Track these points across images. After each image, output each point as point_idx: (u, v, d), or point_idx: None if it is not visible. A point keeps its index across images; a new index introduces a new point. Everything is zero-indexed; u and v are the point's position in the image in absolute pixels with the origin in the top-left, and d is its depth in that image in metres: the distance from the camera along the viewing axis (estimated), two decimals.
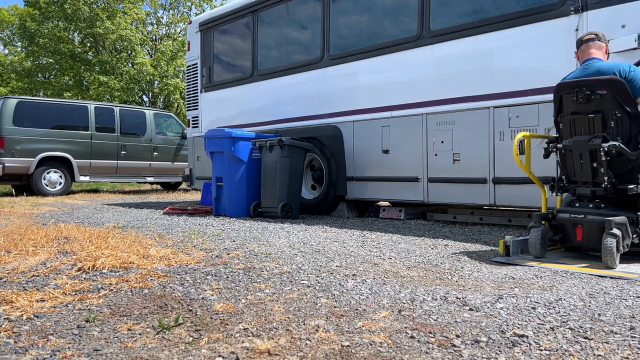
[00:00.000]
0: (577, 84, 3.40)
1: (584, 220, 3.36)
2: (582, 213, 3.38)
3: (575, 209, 3.45)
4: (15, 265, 2.97)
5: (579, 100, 3.37)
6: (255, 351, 1.70)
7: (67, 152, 11.08)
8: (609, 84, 3.28)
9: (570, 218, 3.42)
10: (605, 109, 3.31)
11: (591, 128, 3.37)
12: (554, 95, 3.56)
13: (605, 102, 3.30)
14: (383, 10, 6.08)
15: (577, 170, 3.45)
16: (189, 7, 26.63)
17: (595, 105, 3.33)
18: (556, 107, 3.57)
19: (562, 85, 3.51)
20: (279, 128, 7.01)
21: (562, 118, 3.51)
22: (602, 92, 3.30)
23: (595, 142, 3.31)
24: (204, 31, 8.36)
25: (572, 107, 3.44)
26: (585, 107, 3.38)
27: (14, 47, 30.69)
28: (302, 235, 4.56)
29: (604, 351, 1.71)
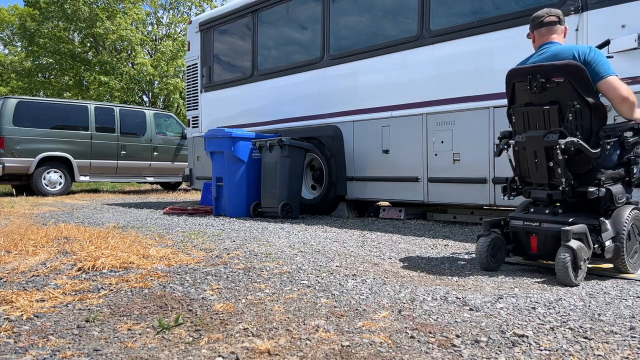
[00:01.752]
0: (530, 70, 2.97)
1: (538, 228, 2.96)
2: (537, 220, 2.98)
3: (529, 215, 3.04)
4: (15, 265, 2.96)
5: (533, 89, 2.94)
6: (255, 351, 1.70)
7: (67, 152, 11.08)
8: (566, 69, 2.85)
9: (524, 226, 3.02)
10: (562, 99, 2.89)
11: (547, 121, 2.95)
12: (506, 84, 3.16)
13: (563, 91, 2.87)
14: (383, 10, 6.07)
15: (532, 170, 3.03)
16: (189, 7, 26.65)
17: (552, 94, 2.91)
18: (508, 98, 3.17)
19: (514, 72, 3.09)
20: (279, 128, 7.01)
21: (515, 110, 3.10)
22: (559, 80, 2.87)
23: (551, 138, 2.88)
24: (204, 31, 8.36)
25: (525, 98, 3.03)
26: (540, 98, 2.96)
27: (14, 47, 30.70)
28: (302, 235, 4.56)
29: (604, 351, 1.71)
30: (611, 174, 2.94)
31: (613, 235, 2.82)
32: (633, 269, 2.91)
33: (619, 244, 2.82)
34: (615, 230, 2.83)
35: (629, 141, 2.94)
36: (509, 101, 3.17)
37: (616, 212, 2.89)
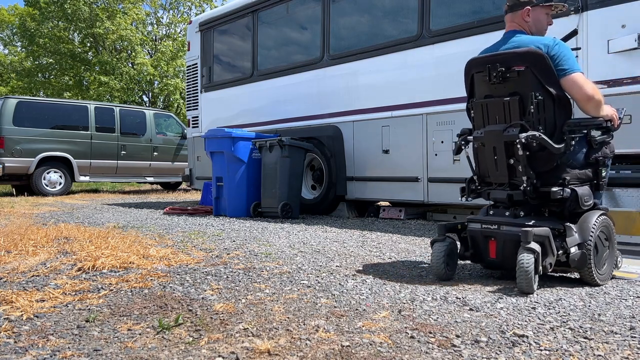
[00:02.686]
0: (489, 59, 2.75)
1: (497, 231, 2.71)
2: (496, 223, 2.73)
3: (488, 218, 2.80)
4: (15, 265, 2.96)
5: (492, 79, 2.71)
6: (255, 351, 1.70)
7: (67, 152, 11.08)
8: (527, 57, 2.65)
9: (482, 229, 2.76)
10: (523, 90, 2.67)
11: (507, 115, 2.72)
12: (465, 75, 2.93)
13: (524, 82, 2.66)
14: (383, 11, 6.08)
15: (491, 169, 2.79)
16: (189, 7, 26.66)
17: (512, 85, 2.69)
18: (468, 91, 2.94)
19: (472, 62, 2.86)
20: (279, 128, 7.01)
21: (474, 103, 2.85)
22: (520, 69, 2.65)
23: (511, 133, 2.64)
24: (204, 31, 8.36)
25: (485, 90, 2.80)
26: (500, 89, 2.74)
27: (14, 47, 30.70)
28: (302, 235, 4.56)
29: (604, 351, 1.71)
30: (577, 174, 2.72)
31: (579, 241, 2.58)
32: (601, 281, 2.66)
33: (586, 251, 2.58)
34: (581, 236, 2.59)
35: (597, 140, 2.73)
36: (469, 95, 2.93)
37: (583, 217, 2.67)
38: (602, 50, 4.24)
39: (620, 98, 4.16)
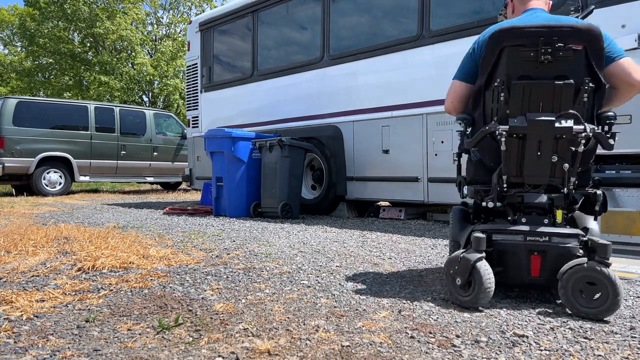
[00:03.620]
0: (541, 31, 2.24)
1: (548, 245, 2.25)
2: (545, 234, 2.26)
3: (525, 228, 2.30)
4: (15, 265, 2.96)
5: (541, 57, 2.23)
6: (255, 351, 1.70)
7: (67, 152, 11.08)
8: (587, 35, 2.23)
9: (527, 242, 2.27)
10: (574, 74, 2.26)
11: (555, 102, 2.27)
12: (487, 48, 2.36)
13: (577, 64, 2.25)
14: (383, 11, 6.08)
15: (529, 167, 2.33)
16: (189, 7, 26.67)
17: (559, 67, 2.26)
18: (487, 67, 2.37)
19: (506, 31, 2.30)
20: (279, 128, 7.01)
21: (512, 84, 2.29)
22: (577, 47, 2.22)
23: (564, 124, 2.22)
24: (204, 31, 8.36)
25: (520, 69, 2.29)
26: (544, 70, 2.27)
27: (14, 47, 30.70)
28: (302, 235, 4.56)
29: (604, 351, 1.71)
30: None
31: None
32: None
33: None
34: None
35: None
36: (488, 73, 2.38)
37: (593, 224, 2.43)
38: None
39: None
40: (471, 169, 2.60)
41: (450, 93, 2.65)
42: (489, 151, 2.42)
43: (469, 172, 2.62)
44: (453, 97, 2.63)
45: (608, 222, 4.03)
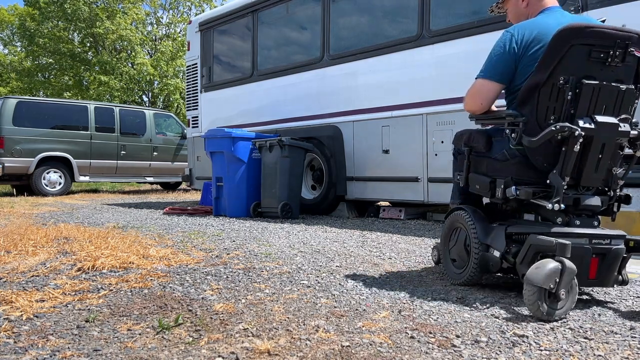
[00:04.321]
0: (618, 35, 2.22)
1: (609, 247, 2.24)
2: (607, 237, 2.28)
3: (586, 231, 2.27)
4: (15, 265, 2.96)
5: (612, 60, 2.22)
6: (255, 351, 1.70)
7: (67, 152, 11.08)
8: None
9: (593, 246, 2.24)
10: (628, 79, 2.30)
11: (616, 106, 2.28)
12: (554, 43, 2.26)
13: (631, 71, 2.30)
14: (383, 11, 6.08)
15: (589, 170, 2.30)
16: (188, 7, 26.67)
17: (619, 72, 2.28)
18: (550, 63, 2.27)
19: (579, 30, 2.23)
20: (279, 128, 7.01)
21: (585, 85, 2.22)
22: (638, 54, 2.25)
23: (625, 128, 2.25)
24: (203, 31, 8.36)
25: (584, 69, 2.25)
26: (607, 73, 2.26)
27: (14, 47, 30.70)
28: (302, 235, 4.56)
29: (604, 351, 1.71)
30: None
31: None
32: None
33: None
34: None
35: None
36: (550, 69, 2.26)
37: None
38: None
39: None
40: (511, 168, 2.45)
41: (476, 93, 2.55)
42: (545, 151, 2.31)
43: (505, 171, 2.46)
44: (481, 98, 2.53)
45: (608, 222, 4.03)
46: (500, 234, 2.42)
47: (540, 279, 2.01)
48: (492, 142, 2.56)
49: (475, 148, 2.62)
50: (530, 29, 2.42)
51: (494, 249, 2.41)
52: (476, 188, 2.61)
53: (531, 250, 2.23)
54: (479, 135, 2.61)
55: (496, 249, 2.40)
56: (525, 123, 2.34)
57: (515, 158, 2.44)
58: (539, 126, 2.30)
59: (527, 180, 2.41)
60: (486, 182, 2.51)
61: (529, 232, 2.31)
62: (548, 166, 2.34)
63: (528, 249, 2.24)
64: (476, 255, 2.48)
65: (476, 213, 2.58)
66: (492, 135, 2.59)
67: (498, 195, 2.44)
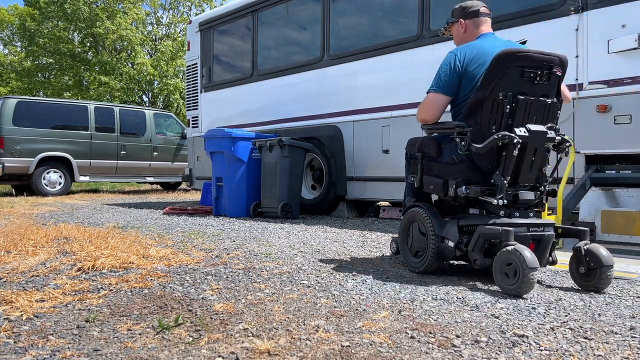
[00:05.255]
0: (545, 59, 2.71)
1: (543, 233, 2.73)
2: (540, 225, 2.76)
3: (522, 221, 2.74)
4: (15, 265, 2.96)
5: (540, 79, 2.70)
6: (255, 351, 1.70)
7: (67, 152, 11.08)
8: (564, 64, 2.81)
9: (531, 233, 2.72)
10: (552, 94, 2.82)
11: (544, 116, 2.78)
12: (493, 66, 2.68)
13: (554, 86, 2.81)
14: (383, 11, 6.08)
15: (524, 170, 2.76)
16: (189, 7, 26.67)
17: (546, 88, 2.77)
18: (491, 82, 2.68)
19: (513, 55, 2.68)
20: (279, 128, 7.01)
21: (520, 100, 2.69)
22: (559, 73, 2.77)
23: (552, 135, 2.76)
24: (203, 31, 8.36)
25: (518, 86, 2.69)
26: (535, 89, 2.74)
27: (13, 47, 30.70)
28: (302, 235, 4.56)
29: (604, 351, 1.71)
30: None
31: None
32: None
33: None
34: None
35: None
36: (491, 87, 2.68)
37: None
38: (602, 50, 4.24)
39: (620, 98, 4.17)
40: (460, 171, 2.84)
41: (429, 105, 2.98)
42: (489, 155, 2.71)
43: (456, 173, 2.85)
44: (433, 109, 2.97)
45: (608, 222, 4.03)
46: (453, 227, 2.80)
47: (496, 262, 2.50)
48: (442, 148, 2.95)
49: (427, 154, 3.01)
50: (470, 50, 2.90)
51: (449, 240, 2.79)
52: (430, 188, 2.99)
53: (481, 238, 2.64)
54: (430, 142, 2.99)
55: (450, 239, 2.78)
56: (472, 132, 2.73)
57: (463, 162, 2.83)
58: (483, 135, 2.71)
59: (474, 181, 2.80)
60: (439, 183, 2.89)
61: (478, 223, 2.70)
62: (492, 168, 2.74)
63: (478, 237, 2.65)
64: (433, 246, 2.84)
65: (431, 209, 2.94)
66: (441, 142, 2.96)
67: (450, 194, 2.81)
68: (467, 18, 3.12)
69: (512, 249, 2.44)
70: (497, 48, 2.76)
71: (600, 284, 2.53)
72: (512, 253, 2.43)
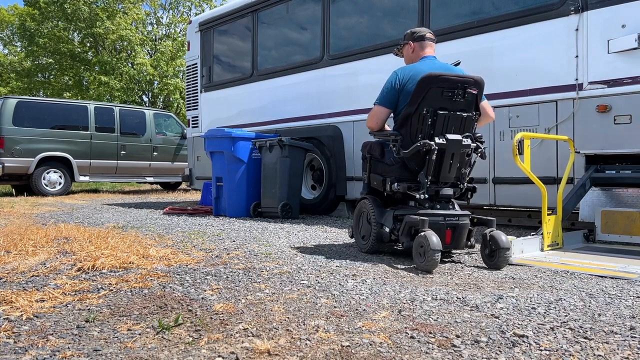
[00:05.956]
0: (458, 80, 3.30)
1: (457, 222, 3.33)
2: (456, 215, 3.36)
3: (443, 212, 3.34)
4: (15, 265, 2.96)
5: (456, 97, 3.31)
6: (255, 351, 1.70)
7: (67, 152, 11.08)
8: (480, 84, 3.43)
9: (446, 222, 3.30)
10: (469, 109, 3.42)
11: (461, 127, 3.40)
12: (418, 87, 3.29)
13: (471, 102, 3.42)
14: (383, 11, 6.07)
15: (444, 171, 3.36)
16: (188, 7, 26.66)
17: (463, 104, 3.37)
18: (417, 99, 3.30)
19: (434, 78, 3.27)
20: (279, 128, 7.01)
21: (436, 113, 3.30)
22: (474, 92, 3.38)
23: (468, 142, 3.36)
24: (203, 31, 8.36)
25: (439, 103, 3.30)
26: (454, 105, 3.34)
27: (13, 47, 30.70)
28: (302, 235, 4.56)
29: (604, 351, 1.71)
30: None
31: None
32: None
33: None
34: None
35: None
36: (417, 103, 3.30)
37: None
38: (602, 50, 4.24)
39: (620, 98, 4.17)
40: (395, 170, 3.47)
41: (374, 115, 3.63)
42: (416, 158, 3.36)
43: (392, 172, 3.48)
44: (377, 119, 3.62)
45: (608, 222, 4.04)
46: (389, 216, 3.47)
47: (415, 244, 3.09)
48: (384, 151, 3.58)
49: (373, 155, 3.65)
50: (409, 71, 3.52)
51: (386, 226, 3.45)
52: (374, 184, 3.62)
53: (406, 225, 3.29)
54: (376, 146, 3.65)
55: (387, 226, 3.45)
56: (402, 140, 3.40)
57: (397, 163, 3.48)
58: (411, 142, 3.35)
59: (405, 179, 3.44)
60: (380, 179, 3.54)
61: (406, 213, 3.34)
62: (418, 169, 3.39)
63: (404, 225, 3.30)
64: (375, 231, 3.51)
65: (375, 201, 3.60)
66: (384, 146, 3.60)
67: (387, 189, 3.46)
68: (415, 41, 3.71)
69: (423, 235, 3.03)
70: (431, 70, 3.36)
71: (499, 263, 3.11)
72: (423, 237, 3.02)
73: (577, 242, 4.03)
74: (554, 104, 4.55)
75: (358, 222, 3.73)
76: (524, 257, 3.45)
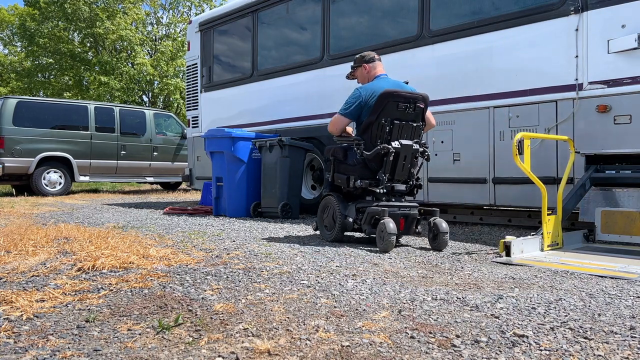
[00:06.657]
0: (410, 96, 4.04)
1: (409, 212, 4.00)
2: (408, 207, 4.02)
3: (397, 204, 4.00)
4: (15, 265, 2.96)
5: (408, 110, 4.03)
6: (255, 351, 1.70)
7: (67, 152, 11.08)
8: (427, 100, 4.17)
9: (401, 212, 3.96)
10: (419, 119, 4.15)
11: (412, 134, 4.12)
12: (378, 101, 3.96)
13: (419, 114, 4.14)
14: (383, 11, 6.07)
15: (399, 170, 4.01)
16: (188, 7, 26.68)
17: (413, 115, 4.10)
18: (377, 111, 3.97)
19: (390, 94, 3.98)
20: (279, 128, 7.01)
21: (392, 122, 3.99)
22: (422, 106, 4.12)
23: (417, 147, 4.08)
24: (203, 31, 8.36)
25: (394, 114, 4.00)
26: (407, 116, 4.05)
27: (14, 47, 30.71)
28: (302, 235, 4.56)
29: (604, 351, 1.71)
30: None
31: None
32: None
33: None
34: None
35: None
36: (377, 113, 3.97)
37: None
38: (602, 50, 4.24)
39: (620, 98, 4.17)
40: (357, 170, 4.07)
41: (336, 123, 4.26)
42: (376, 159, 3.99)
43: (354, 172, 4.07)
44: (338, 126, 4.26)
45: (608, 222, 4.03)
46: (352, 208, 4.11)
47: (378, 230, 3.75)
48: (347, 154, 4.17)
49: (337, 158, 4.21)
50: (371, 88, 4.16)
51: (350, 217, 4.08)
52: (338, 182, 4.19)
53: (369, 215, 3.92)
54: (339, 150, 4.21)
55: (350, 217, 4.08)
56: (364, 144, 4.03)
57: (359, 164, 4.08)
58: (372, 146, 3.99)
59: (366, 177, 4.05)
60: (344, 178, 4.13)
61: (367, 206, 3.99)
62: (377, 169, 4.03)
63: (367, 215, 3.94)
64: (339, 222, 4.10)
65: (339, 197, 4.20)
66: (347, 149, 4.19)
67: (351, 186, 4.06)
68: (368, 62, 4.39)
69: (383, 221, 3.71)
70: (388, 87, 4.06)
71: (440, 245, 3.85)
72: (382, 224, 3.70)
73: (577, 242, 4.03)
74: (554, 104, 4.55)
75: (323, 215, 4.30)
76: (524, 257, 3.45)
